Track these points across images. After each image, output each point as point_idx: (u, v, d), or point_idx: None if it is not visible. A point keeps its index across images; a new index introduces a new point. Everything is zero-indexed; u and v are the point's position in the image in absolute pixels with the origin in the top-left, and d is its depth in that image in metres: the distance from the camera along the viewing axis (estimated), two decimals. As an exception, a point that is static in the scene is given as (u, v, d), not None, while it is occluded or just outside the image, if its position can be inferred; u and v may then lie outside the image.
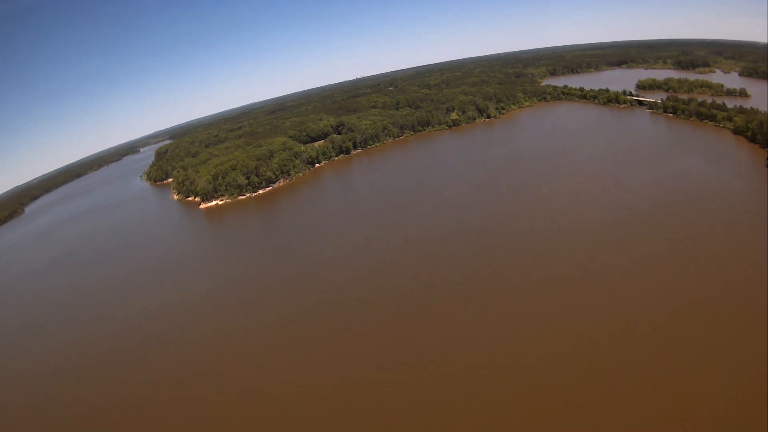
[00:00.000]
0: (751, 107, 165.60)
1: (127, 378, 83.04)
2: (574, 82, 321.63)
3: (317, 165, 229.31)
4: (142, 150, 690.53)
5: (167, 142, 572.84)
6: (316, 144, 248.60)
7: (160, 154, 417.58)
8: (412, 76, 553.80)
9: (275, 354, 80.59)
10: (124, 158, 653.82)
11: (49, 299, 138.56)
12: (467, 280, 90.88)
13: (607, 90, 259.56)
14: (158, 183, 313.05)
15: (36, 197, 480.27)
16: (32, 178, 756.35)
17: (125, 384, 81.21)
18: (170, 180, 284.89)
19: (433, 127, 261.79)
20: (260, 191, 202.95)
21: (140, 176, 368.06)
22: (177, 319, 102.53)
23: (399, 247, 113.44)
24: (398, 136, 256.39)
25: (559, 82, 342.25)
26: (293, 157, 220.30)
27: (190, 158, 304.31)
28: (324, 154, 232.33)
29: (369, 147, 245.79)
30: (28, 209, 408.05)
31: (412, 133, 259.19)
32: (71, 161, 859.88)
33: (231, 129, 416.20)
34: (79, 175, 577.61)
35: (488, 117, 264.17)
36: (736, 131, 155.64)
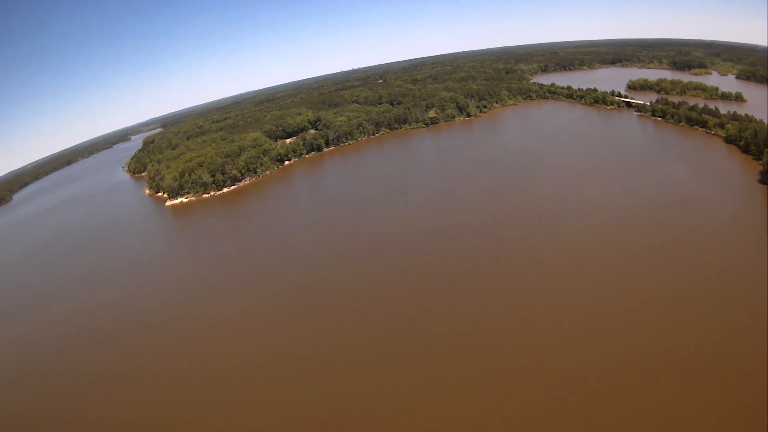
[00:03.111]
0: (746, 114, 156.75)
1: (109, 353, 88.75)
2: (565, 80, 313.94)
3: (287, 162, 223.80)
4: (133, 138, 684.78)
5: (158, 130, 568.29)
6: (288, 141, 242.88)
7: (146, 144, 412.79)
8: (404, 69, 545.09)
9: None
10: (114, 146, 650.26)
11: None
12: (424, 276, 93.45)
13: (594, 90, 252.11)
14: (137, 175, 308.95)
15: (25, 184, 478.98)
16: (27, 163, 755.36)
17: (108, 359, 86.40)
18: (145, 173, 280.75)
19: (410, 125, 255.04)
20: (225, 190, 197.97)
21: (122, 167, 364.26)
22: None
23: (355, 251, 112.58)
24: (373, 134, 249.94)
25: (549, 79, 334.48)
26: (262, 154, 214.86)
27: (169, 150, 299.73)
28: (294, 151, 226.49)
29: (342, 145, 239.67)
30: (16, 197, 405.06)
31: (388, 130, 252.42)
32: (66, 147, 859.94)
33: (216, 120, 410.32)
34: (69, 163, 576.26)
35: (468, 115, 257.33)
36: (728, 140, 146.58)
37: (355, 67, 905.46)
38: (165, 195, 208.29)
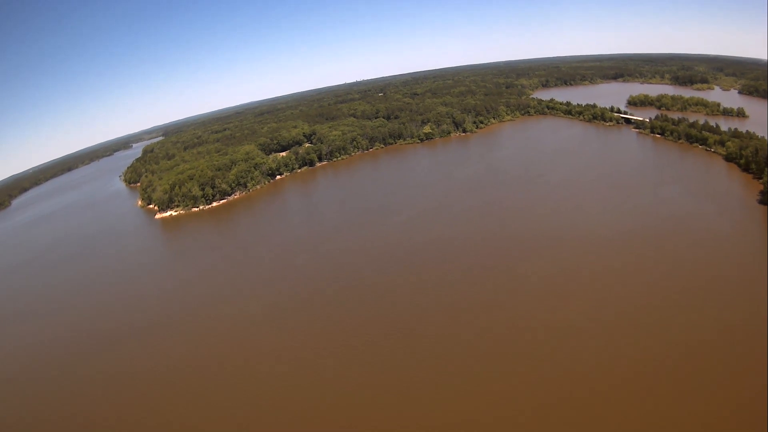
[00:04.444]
0: (747, 131, 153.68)
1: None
2: (565, 95, 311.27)
3: (278, 177, 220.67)
4: (134, 146, 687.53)
5: (159, 139, 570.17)
6: (281, 155, 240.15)
7: (145, 153, 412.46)
8: (405, 82, 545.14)
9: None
10: (115, 153, 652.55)
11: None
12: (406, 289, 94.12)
13: (593, 106, 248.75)
14: (132, 185, 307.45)
15: (25, 189, 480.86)
16: (29, 167, 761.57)
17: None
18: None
19: (404, 140, 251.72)
20: (214, 204, 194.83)
21: (120, 176, 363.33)
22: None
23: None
24: (367, 149, 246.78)
25: (550, 94, 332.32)
26: (253, 168, 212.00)
27: (165, 161, 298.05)
28: (286, 165, 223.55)
29: (335, 159, 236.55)
30: (15, 202, 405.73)
31: (382, 145, 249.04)
32: (68, 152, 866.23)
33: (215, 131, 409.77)
34: (69, 169, 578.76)
35: (464, 131, 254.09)
36: (729, 158, 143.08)
37: (358, 80, 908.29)
38: (156, 207, 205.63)
